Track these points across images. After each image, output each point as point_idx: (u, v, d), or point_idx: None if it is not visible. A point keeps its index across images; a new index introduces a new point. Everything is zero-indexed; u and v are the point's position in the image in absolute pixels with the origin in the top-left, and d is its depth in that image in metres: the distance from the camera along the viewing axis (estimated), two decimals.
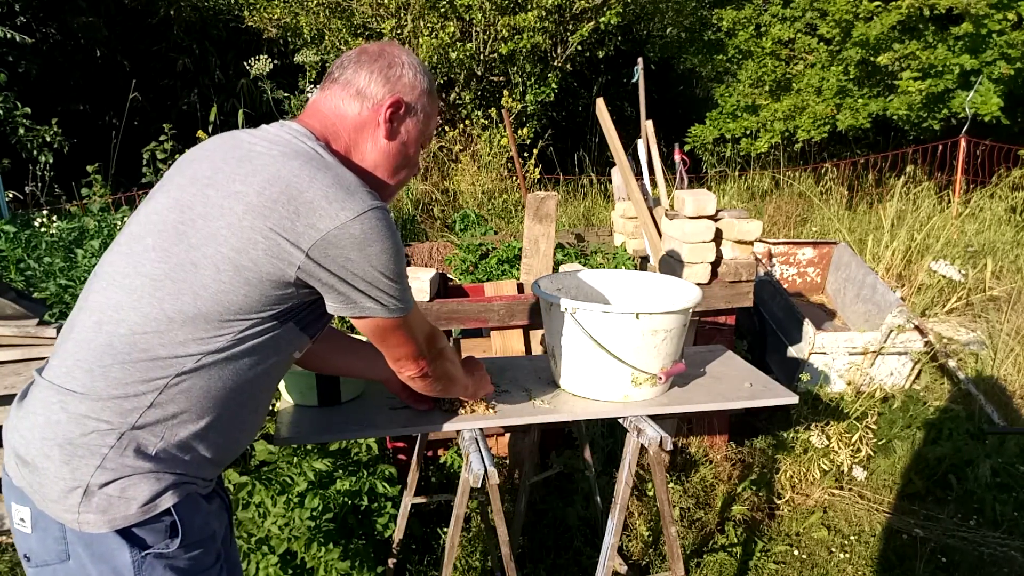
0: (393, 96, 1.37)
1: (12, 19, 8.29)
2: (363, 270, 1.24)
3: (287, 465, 2.39)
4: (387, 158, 1.40)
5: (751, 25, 9.59)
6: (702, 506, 3.07)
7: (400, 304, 1.33)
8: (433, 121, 1.47)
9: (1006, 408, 3.80)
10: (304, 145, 1.29)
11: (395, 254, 1.28)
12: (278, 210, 1.18)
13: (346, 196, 1.22)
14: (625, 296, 2.21)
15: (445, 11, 8.21)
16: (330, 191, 1.21)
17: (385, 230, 1.25)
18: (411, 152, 1.43)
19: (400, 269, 1.31)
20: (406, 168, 1.44)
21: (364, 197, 1.24)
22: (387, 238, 1.26)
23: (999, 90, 7.77)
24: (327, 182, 1.22)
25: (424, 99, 1.42)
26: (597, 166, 8.46)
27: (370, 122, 1.37)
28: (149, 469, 1.17)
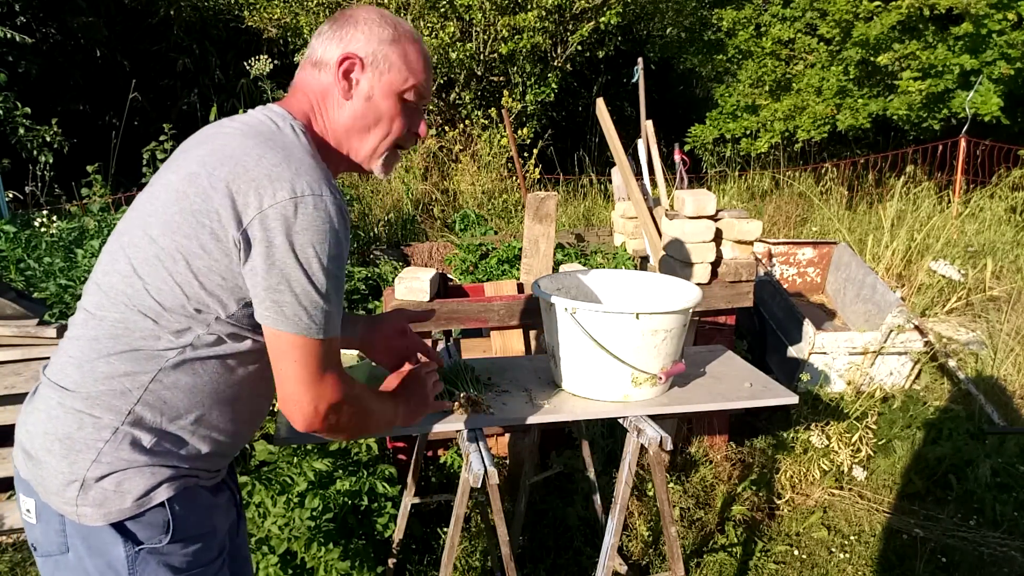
0: (343, 52, 1.28)
1: (12, 19, 8.29)
2: (283, 260, 1.12)
3: (287, 465, 2.39)
4: (354, 118, 1.31)
5: (751, 25, 9.59)
6: (702, 506, 3.07)
7: (310, 323, 1.16)
8: (409, 67, 1.32)
9: (1006, 408, 3.80)
10: (271, 124, 1.24)
11: (327, 256, 1.14)
12: (221, 189, 1.13)
13: (292, 176, 1.13)
14: (625, 296, 2.21)
15: (445, 11, 8.21)
16: (275, 169, 1.13)
17: (323, 223, 1.13)
18: (384, 105, 1.31)
19: (328, 280, 1.16)
20: (383, 123, 1.32)
21: (312, 181, 1.14)
22: (323, 232, 1.14)
23: (999, 90, 7.77)
24: (275, 160, 1.14)
25: (386, 47, 1.29)
26: (597, 166, 8.46)
27: (330, 86, 1.30)
28: (144, 463, 1.18)
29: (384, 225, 6.18)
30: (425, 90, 1.35)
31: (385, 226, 6.16)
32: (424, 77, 1.34)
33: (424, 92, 1.35)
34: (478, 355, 3.02)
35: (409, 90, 1.33)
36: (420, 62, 1.33)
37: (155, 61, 9.89)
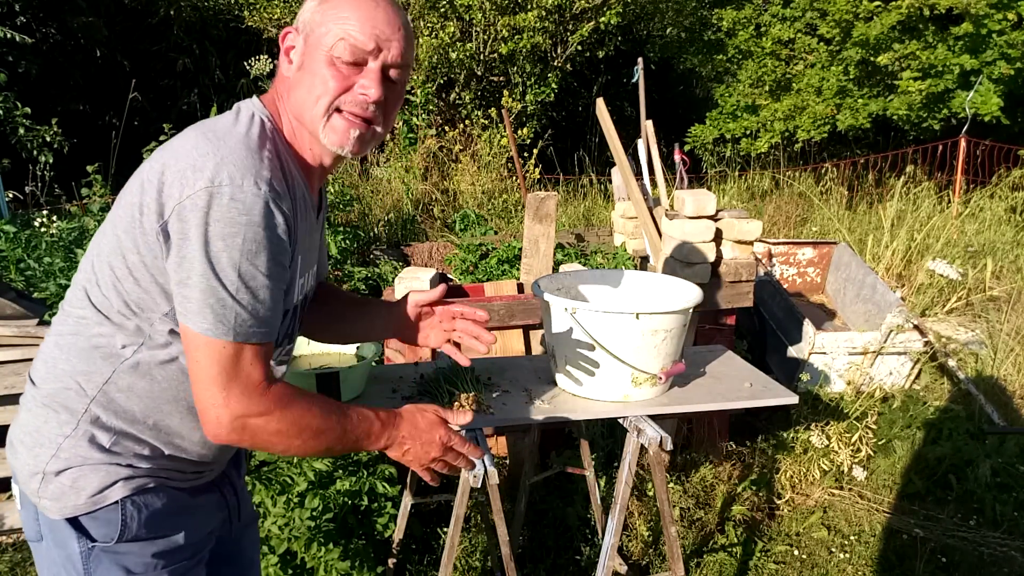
0: (284, 31, 1.24)
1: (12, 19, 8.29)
2: (192, 252, 1.05)
3: (287, 465, 2.39)
4: (296, 90, 1.20)
5: (751, 25, 9.59)
6: (702, 506, 3.07)
7: (216, 323, 1.07)
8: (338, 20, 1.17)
9: (1006, 408, 3.80)
10: (229, 115, 1.18)
11: (241, 252, 1.05)
12: (153, 181, 1.08)
13: (215, 165, 1.05)
14: (625, 296, 2.21)
15: (445, 11, 8.21)
16: (200, 159, 1.06)
17: (239, 215, 1.04)
18: (311, 67, 1.18)
19: (241, 278, 1.06)
20: (315, 85, 1.18)
21: (236, 171, 1.06)
22: (238, 225, 1.05)
23: (999, 90, 7.77)
24: (204, 150, 1.08)
25: (314, 10, 1.19)
26: (597, 166, 8.45)
27: (282, 63, 1.24)
28: (100, 461, 1.17)
29: (384, 225, 6.18)
30: (360, 42, 1.17)
31: (385, 226, 6.16)
32: (356, 28, 1.17)
33: (359, 44, 1.17)
34: (478, 355, 3.02)
35: (336, 46, 1.17)
36: (353, 14, 1.17)
37: (155, 61, 9.89)
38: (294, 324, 1.31)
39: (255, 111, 1.19)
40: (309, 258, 1.30)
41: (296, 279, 1.23)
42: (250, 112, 1.19)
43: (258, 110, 1.20)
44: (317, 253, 1.39)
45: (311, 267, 1.34)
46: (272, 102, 1.24)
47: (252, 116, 1.18)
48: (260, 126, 1.16)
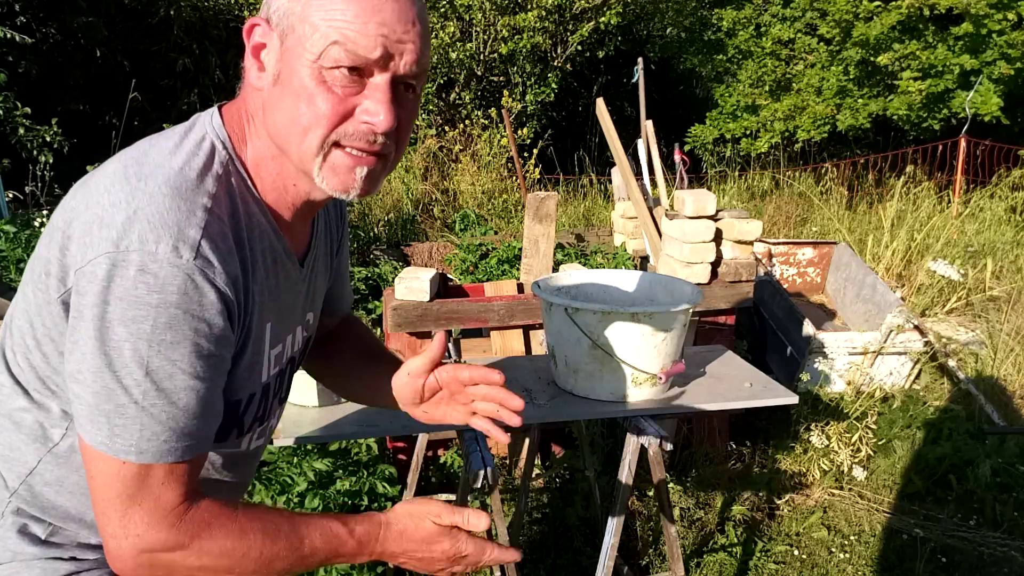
0: (251, 20, 0.89)
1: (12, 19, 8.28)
2: (85, 340, 0.79)
3: (287, 465, 2.39)
4: (273, 111, 0.88)
5: (751, 25, 9.60)
6: (702, 506, 3.07)
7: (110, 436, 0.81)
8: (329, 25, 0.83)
9: (1006, 408, 3.80)
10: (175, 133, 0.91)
11: (151, 342, 0.79)
12: (59, 229, 0.85)
13: (124, 221, 0.79)
14: (625, 296, 2.21)
15: (445, 11, 8.21)
16: (110, 210, 0.80)
17: (147, 294, 0.78)
18: (295, 83, 0.86)
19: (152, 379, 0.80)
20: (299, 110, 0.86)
21: (150, 230, 0.78)
22: (146, 307, 0.78)
23: (999, 90, 7.77)
24: (118, 195, 0.81)
25: (297, 5, 0.85)
26: (597, 166, 8.46)
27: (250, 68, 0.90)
28: (35, 556, 0.95)
29: (384, 225, 6.18)
30: (361, 47, 0.84)
31: (385, 226, 6.16)
32: (356, 27, 0.84)
33: (359, 50, 0.84)
34: (478, 355, 3.02)
35: (326, 53, 0.84)
36: (349, 9, 0.84)
37: (155, 61, 9.89)
38: (270, 403, 1.06)
39: (208, 132, 0.90)
40: (292, 316, 1.05)
41: (265, 351, 0.98)
42: (201, 134, 0.90)
43: (213, 130, 0.90)
44: (310, 301, 1.11)
45: (299, 323, 1.08)
46: (238, 116, 0.93)
47: (201, 140, 0.89)
48: (207, 156, 0.87)
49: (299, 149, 0.89)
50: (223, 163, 0.89)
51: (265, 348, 0.98)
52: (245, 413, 0.99)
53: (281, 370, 1.06)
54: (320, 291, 1.16)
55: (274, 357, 1.02)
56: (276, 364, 1.03)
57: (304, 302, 1.08)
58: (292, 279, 1.01)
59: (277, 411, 1.12)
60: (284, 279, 0.98)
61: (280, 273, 0.97)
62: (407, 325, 2.78)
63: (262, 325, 0.95)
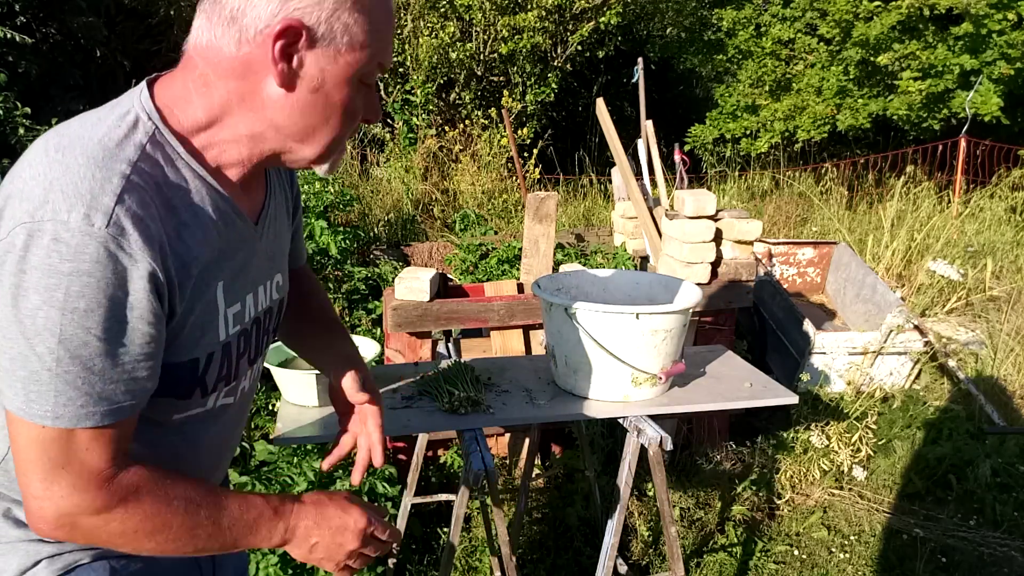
0: (284, 20, 0.86)
1: (12, 19, 8.28)
2: (3, 310, 0.81)
3: (287, 465, 2.39)
4: (293, 116, 0.92)
5: (751, 25, 9.60)
6: (702, 506, 3.07)
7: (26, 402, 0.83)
8: (375, 43, 0.92)
9: (1006, 408, 3.80)
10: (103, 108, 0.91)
11: (65, 310, 0.79)
12: None
13: (43, 191, 0.81)
14: (625, 296, 2.21)
15: (445, 11, 8.21)
16: (31, 183, 0.82)
17: (60, 262, 0.79)
18: (337, 101, 0.92)
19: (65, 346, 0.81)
20: (333, 124, 0.94)
21: (66, 199, 0.80)
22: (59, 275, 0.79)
23: (999, 90, 7.77)
24: (40, 168, 0.83)
25: (346, 14, 0.88)
26: (597, 166, 8.46)
27: (256, 62, 0.89)
28: (17, 539, 0.97)
29: (384, 225, 6.18)
30: (388, 60, 0.97)
31: (385, 226, 6.16)
32: (390, 45, 0.96)
33: (387, 63, 0.97)
34: (478, 355, 3.02)
35: (371, 70, 0.94)
36: (387, 27, 0.94)
37: (155, 61, 9.89)
38: (234, 362, 1.05)
39: (133, 105, 0.90)
40: (249, 275, 1.05)
41: (220, 311, 0.98)
42: (126, 108, 0.90)
43: (140, 103, 0.90)
44: (272, 260, 1.12)
45: (263, 281, 1.09)
46: (182, 85, 0.92)
47: (125, 113, 0.89)
48: (129, 127, 0.88)
49: (308, 150, 0.95)
50: (148, 132, 0.88)
51: (219, 307, 0.98)
52: (206, 372, 0.99)
53: (244, 330, 1.06)
54: (283, 252, 1.17)
55: (232, 316, 1.01)
56: (236, 323, 1.03)
57: (266, 262, 1.09)
58: (245, 238, 1.01)
59: (248, 372, 1.12)
60: (236, 238, 0.99)
61: (230, 233, 0.97)
62: (407, 325, 2.78)
63: (210, 285, 0.95)
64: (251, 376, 1.15)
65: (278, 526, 0.99)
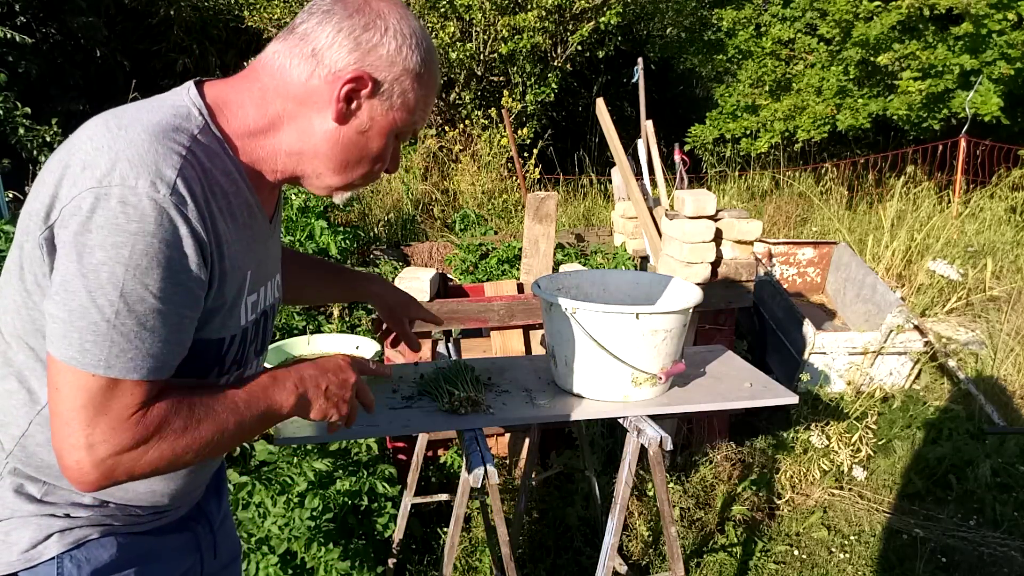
0: (358, 69, 1.00)
1: (12, 19, 8.28)
2: (66, 265, 0.87)
3: (287, 465, 2.39)
4: (335, 148, 1.04)
5: (751, 25, 9.60)
6: (702, 506, 3.07)
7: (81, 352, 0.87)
8: (419, 111, 1.08)
9: (1006, 408, 3.80)
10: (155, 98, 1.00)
11: (128, 267, 0.86)
12: (48, 182, 0.92)
13: (109, 161, 0.88)
14: (625, 296, 2.21)
15: (445, 11, 8.21)
16: (95, 153, 0.89)
17: (128, 222, 0.86)
18: (375, 146, 1.06)
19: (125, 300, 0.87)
20: (364, 164, 1.08)
21: (132, 168, 0.87)
22: (126, 235, 0.86)
23: (999, 90, 7.77)
24: (101, 141, 0.90)
25: (408, 80, 1.03)
26: (597, 166, 8.46)
27: (320, 95, 1.01)
28: (31, 513, 1.02)
29: (384, 225, 6.18)
30: (423, 125, 1.15)
31: (385, 226, 6.16)
32: (429, 112, 1.13)
33: (421, 127, 1.14)
34: (478, 355, 3.02)
35: (408, 131, 1.10)
36: (430, 102, 1.11)
37: (155, 61, 9.89)
38: (247, 349, 1.13)
39: (184, 100, 0.99)
40: (264, 269, 1.14)
41: (244, 296, 1.07)
42: (178, 100, 0.99)
43: (189, 99, 0.99)
44: (276, 259, 1.22)
45: (270, 278, 1.18)
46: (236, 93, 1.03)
47: (178, 104, 0.98)
48: (183, 117, 0.96)
49: (332, 180, 1.08)
50: (199, 124, 0.97)
51: (244, 294, 1.07)
52: (227, 353, 1.08)
53: (256, 320, 1.14)
54: (280, 254, 1.27)
55: (251, 304, 1.10)
56: (252, 311, 1.12)
57: (273, 262, 1.19)
58: (263, 234, 1.11)
59: (254, 362, 1.20)
60: (258, 232, 1.08)
61: (254, 226, 1.07)
62: None
63: (242, 271, 1.04)
64: (255, 367, 1.21)
65: (287, 384, 1.07)
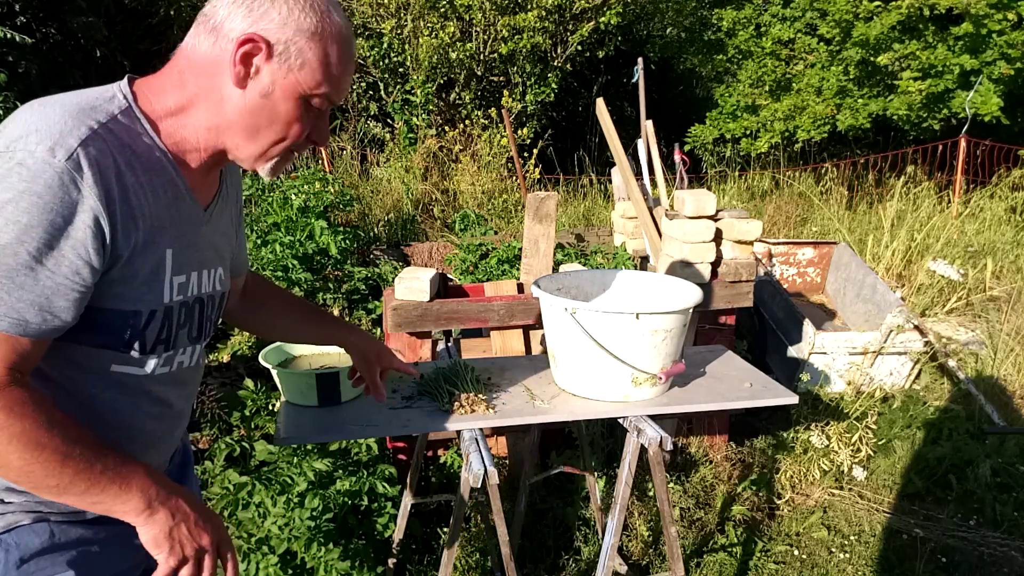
0: (251, 32, 1.03)
1: (12, 19, 8.28)
2: None
3: (287, 465, 2.39)
4: (243, 115, 1.07)
5: (751, 25, 9.60)
6: (702, 506, 3.07)
7: None
8: (327, 73, 1.08)
9: (1006, 408, 3.80)
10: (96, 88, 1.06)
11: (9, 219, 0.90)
12: None
13: (23, 129, 0.94)
14: (625, 296, 2.21)
15: (445, 11, 8.21)
16: (10, 128, 0.95)
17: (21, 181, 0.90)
18: (282, 110, 1.08)
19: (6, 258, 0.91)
20: (275, 130, 1.09)
21: (37, 136, 0.93)
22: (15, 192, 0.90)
23: (999, 90, 7.77)
24: (25, 116, 0.96)
25: (302, 40, 1.05)
26: (597, 166, 8.46)
27: (222, 64, 1.05)
28: None
29: (384, 225, 6.18)
30: (338, 96, 1.13)
31: (385, 226, 6.16)
32: (341, 84, 1.12)
33: (336, 98, 1.13)
34: (478, 355, 3.02)
35: (319, 96, 1.10)
36: (340, 65, 1.10)
37: (155, 61, 9.90)
38: (174, 330, 1.13)
39: (115, 86, 1.06)
40: (197, 255, 1.15)
41: (166, 275, 1.08)
42: (108, 86, 1.06)
43: (117, 86, 1.06)
44: (217, 252, 1.23)
45: (208, 267, 1.19)
46: (158, 81, 1.09)
47: (105, 89, 1.05)
48: (106, 99, 1.03)
49: (250, 149, 1.10)
50: (121, 106, 1.03)
51: (165, 271, 1.09)
52: (146, 328, 1.08)
53: (187, 304, 1.15)
54: (227, 247, 1.28)
55: (177, 285, 1.12)
56: (180, 293, 1.13)
57: (211, 251, 1.20)
58: (194, 218, 1.14)
59: (189, 348, 1.20)
60: (185, 214, 1.11)
61: (181, 207, 1.10)
62: (407, 325, 2.78)
63: (159, 247, 1.06)
64: (192, 355, 1.22)
65: (150, 490, 1.01)
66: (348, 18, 1.15)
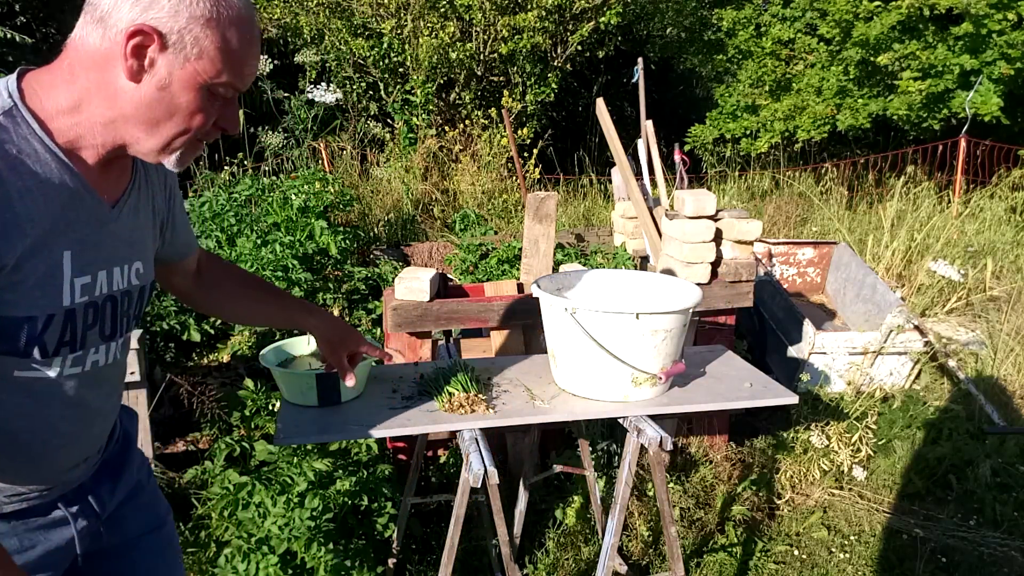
0: (140, 24, 0.99)
1: (12, 19, 8.28)
2: None
3: (287, 465, 2.39)
4: (139, 108, 1.03)
5: (751, 25, 9.59)
6: (702, 506, 3.07)
7: None
8: (227, 60, 1.04)
9: (1006, 408, 3.80)
10: None
11: None
12: None
13: None
14: (625, 296, 2.21)
15: (445, 11, 8.21)
16: None
17: None
18: (182, 101, 1.04)
19: None
20: (177, 122, 1.06)
21: None
22: None
23: (999, 90, 7.77)
24: None
25: (198, 28, 1.00)
26: (597, 166, 8.46)
27: (113, 57, 1.01)
28: None
29: (384, 225, 6.18)
30: (241, 82, 1.08)
31: (385, 226, 6.16)
32: (244, 69, 1.08)
33: (240, 85, 1.08)
34: (478, 355, 3.02)
35: (222, 84, 1.06)
36: (241, 50, 1.06)
37: None
38: (81, 331, 1.12)
39: (3, 86, 1.03)
40: (104, 253, 1.13)
41: (65, 277, 1.06)
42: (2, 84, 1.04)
43: (3, 85, 1.03)
44: (132, 246, 1.20)
45: (120, 263, 1.17)
46: (48, 75, 1.05)
47: None
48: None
49: (151, 143, 1.06)
50: (4, 107, 1.00)
51: (64, 274, 1.05)
52: (44, 332, 1.05)
53: (95, 304, 1.12)
54: (148, 239, 1.25)
55: (80, 286, 1.08)
56: (84, 294, 1.10)
57: (123, 246, 1.17)
58: (98, 217, 1.10)
59: (103, 347, 1.17)
60: (85, 214, 1.07)
61: (80, 207, 1.06)
62: (407, 325, 2.78)
63: (53, 249, 1.03)
64: (108, 353, 1.19)
65: None
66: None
